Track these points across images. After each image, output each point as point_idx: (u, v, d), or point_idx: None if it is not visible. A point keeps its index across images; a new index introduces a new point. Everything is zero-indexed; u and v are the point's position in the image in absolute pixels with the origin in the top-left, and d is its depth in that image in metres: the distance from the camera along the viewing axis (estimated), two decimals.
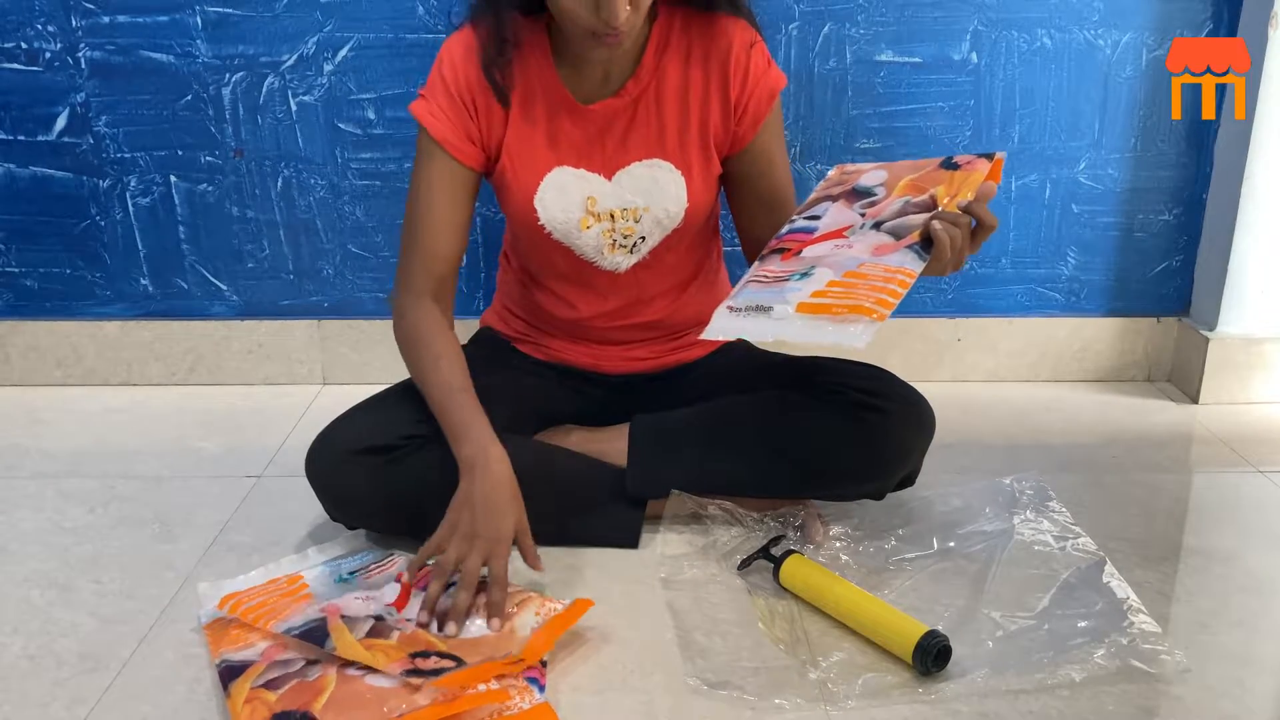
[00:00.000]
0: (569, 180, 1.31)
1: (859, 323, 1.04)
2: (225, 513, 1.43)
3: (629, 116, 1.31)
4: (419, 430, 1.27)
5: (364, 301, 1.85)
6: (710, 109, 1.30)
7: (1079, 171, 1.79)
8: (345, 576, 1.21)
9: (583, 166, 1.31)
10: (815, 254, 1.16)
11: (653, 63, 1.29)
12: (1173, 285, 1.87)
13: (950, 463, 1.50)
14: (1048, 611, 1.16)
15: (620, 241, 1.34)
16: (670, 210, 1.32)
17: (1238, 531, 1.39)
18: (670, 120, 1.31)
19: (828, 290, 1.09)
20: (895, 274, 1.08)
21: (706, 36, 1.29)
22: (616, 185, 1.32)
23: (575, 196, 1.31)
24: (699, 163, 1.32)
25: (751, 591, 1.22)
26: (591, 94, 1.30)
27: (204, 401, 1.83)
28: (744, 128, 1.32)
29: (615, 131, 1.31)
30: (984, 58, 1.73)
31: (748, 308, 1.13)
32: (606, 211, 1.32)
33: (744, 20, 1.30)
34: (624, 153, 1.31)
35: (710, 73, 1.30)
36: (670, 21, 1.30)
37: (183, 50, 1.70)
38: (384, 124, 1.74)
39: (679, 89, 1.30)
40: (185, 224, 1.80)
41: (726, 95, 1.30)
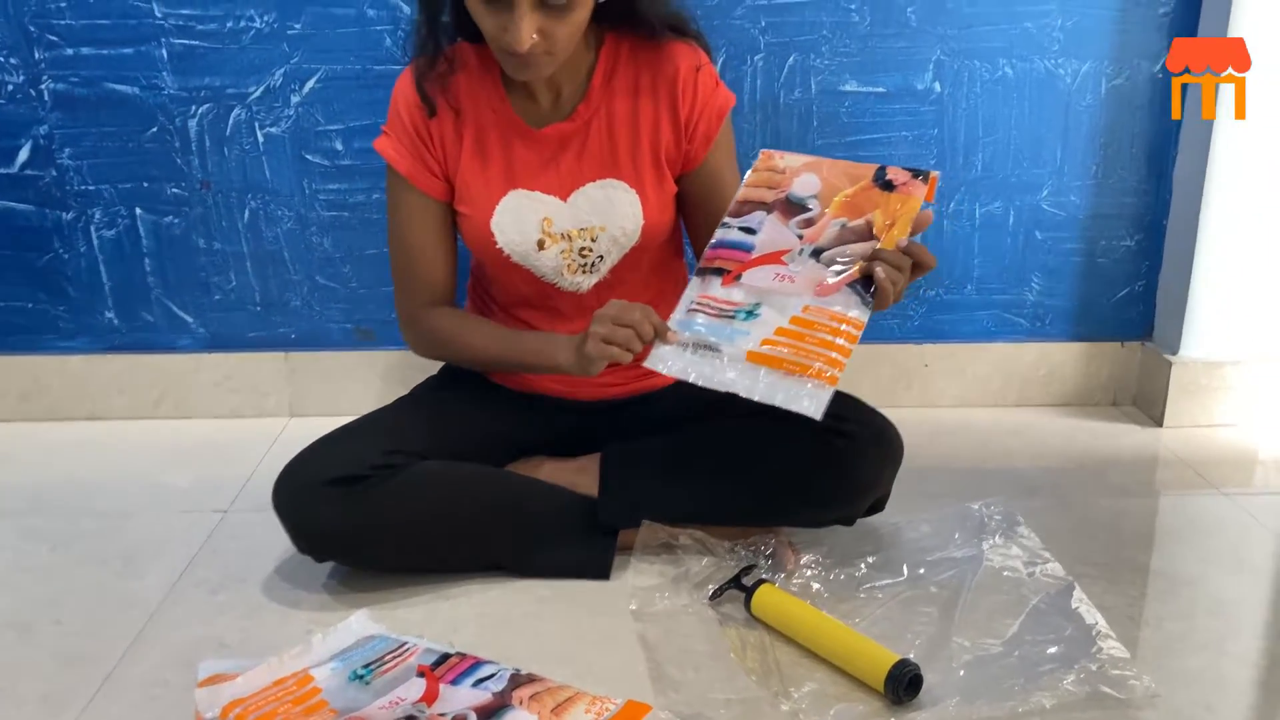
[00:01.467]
0: (524, 203, 1.32)
1: (811, 388, 1.08)
2: (191, 548, 1.41)
3: (581, 139, 1.32)
4: (389, 460, 1.26)
5: (332, 333, 1.84)
6: (661, 129, 1.32)
7: (1042, 198, 1.82)
8: (361, 673, 1.10)
9: (537, 189, 1.33)
10: (757, 283, 1.18)
11: (601, 87, 1.31)
12: (1136, 310, 1.90)
13: (919, 488, 1.51)
14: (1017, 638, 1.16)
15: (579, 261, 1.35)
16: (627, 228, 1.33)
17: (1203, 554, 1.41)
18: (622, 141, 1.32)
19: (777, 340, 1.13)
20: (843, 324, 1.11)
21: (654, 63, 1.31)
22: (572, 206, 1.33)
23: (531, 218, 1.32)
24: (652, 181, 1.34)
25: (723, 622, 1.22)
26: (543, 118, 1.32)
27: (170, 435, 1.81)
28: (695, 146, 1.33)
29: (569, 154, 1.33)
30: (947, 87, 1.75)
31: (696, 344, 1.16)
32: (563, 232, 1.33)
33: (690, 44, 1.33)
34: (578, 174, 1.33)
35: (659, 94, 1.32)
36: (617, 48, 1.32)
37: (148, 82, 1.69)
38: (352, 155, 1.74)
39: (629, 112, 1.32)
40: (151, 256, 1.79)
41: (676, 116, 1.32)
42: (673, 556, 1.32)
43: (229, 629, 1.23)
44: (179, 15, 1.66)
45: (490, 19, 1.17)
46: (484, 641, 1.18)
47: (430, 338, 1.39)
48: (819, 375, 1.09)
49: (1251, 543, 1.45)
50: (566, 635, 1.21)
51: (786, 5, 1.69)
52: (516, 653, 1.16)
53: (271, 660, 1.11)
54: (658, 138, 1.32)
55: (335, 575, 1.32)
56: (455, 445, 1.35)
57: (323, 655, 1.13)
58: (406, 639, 1.15)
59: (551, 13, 1.15)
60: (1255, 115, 1.67)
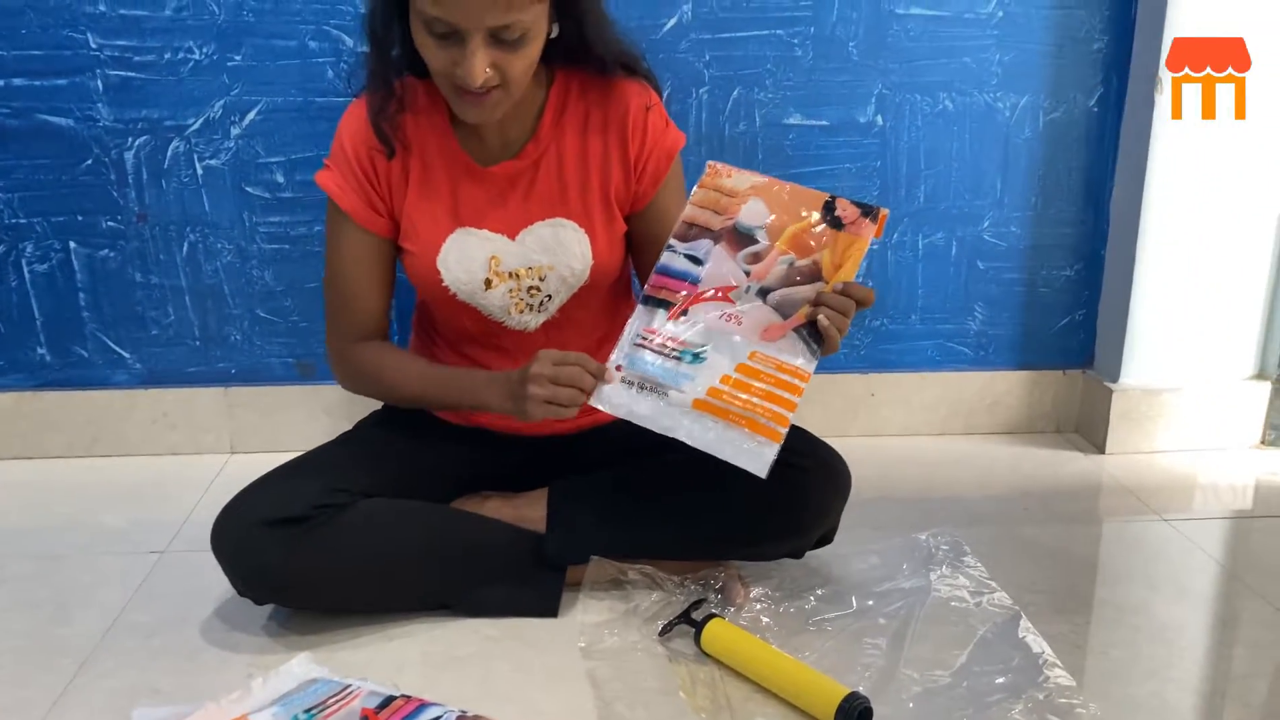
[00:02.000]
0: (471, 241, 1.31)
1: (757, 445, 1.10)
2: (126, 592, 1.37)
3: (530, 177, 1.31)
4: (332, 499, 1.24)
5: (273, 367, 1.81)
6: (610, 168, 1.32)
7: (983, 229, 1.84)
8: (302, 718, 1.07)
9: (485, 227, 1.31)
10: (703, 320, 1.18)
11: (551, 125, 1.31)
12: (1077, 338, 1.93)
13: (867, 518, 1.51)
14: (966, 669, 1.16)
15: (527, 300, 1.33)
16: (575, 268, 1.32)
17: (1146, 581, 1.42)
18: (571, 180, 1.32)
19: (722, 390, 1.13)
20: (790, 375, 1.13)
21: (604, 101, 1.31)
22: (520, 245, 1.31)
23: (478, 257, 1.31)
24: (602, 221, 1.33)
25: (673, 658, 1.20)
26: (491, 157, 1.31)
27: (105, 474, 1.76)
28: (644, 186, 1.33)
29: (517, 192, 1.31)
30: (889, 120, 1.77)
31: (641, 383, 1.16)
32: (510, 271, 1.32)
33: (641, 83, 1.33)
34: (527, 213, 1.32)
35: (609, 134, 1.31)
36: (567, 86, 1.31)
37: (83, 114, 1.66)
38: (293, 187, 1.72)
39: (578, 151, 1.31)
40: (85, 290, 1.75)
41: (626, 154, 1.31)
42: (622, 592, 1.31)
43: (165, 675, 1.19)
44: (115, 46, 1.63)
45: (441, 54, 1.15)
46: (430, 683, 1.16)
47: (358, 373, 1.37)
48: (765, 432, 1.10)
49: (1193, 568, 1.47)
50: (514, 674, 1.19)
51: (730, 39, 1.71)
52: (463, 693, 1.14)
53: (209, 706, 1.08)
54: (607, 177, 1.32)
55: (276, 617, 1.29)
56: (399, 482, 1.32)
57: (263, 700, 1.10)
58: (350, 681, 1.12)
59: (505, 47, 1.14)
60: (1190, 145, 1.72)
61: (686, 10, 1.68)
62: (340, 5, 1.64)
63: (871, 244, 1.17)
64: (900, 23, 1.72)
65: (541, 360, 1.18)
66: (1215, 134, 1.72)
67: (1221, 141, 1.72)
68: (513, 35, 1.14)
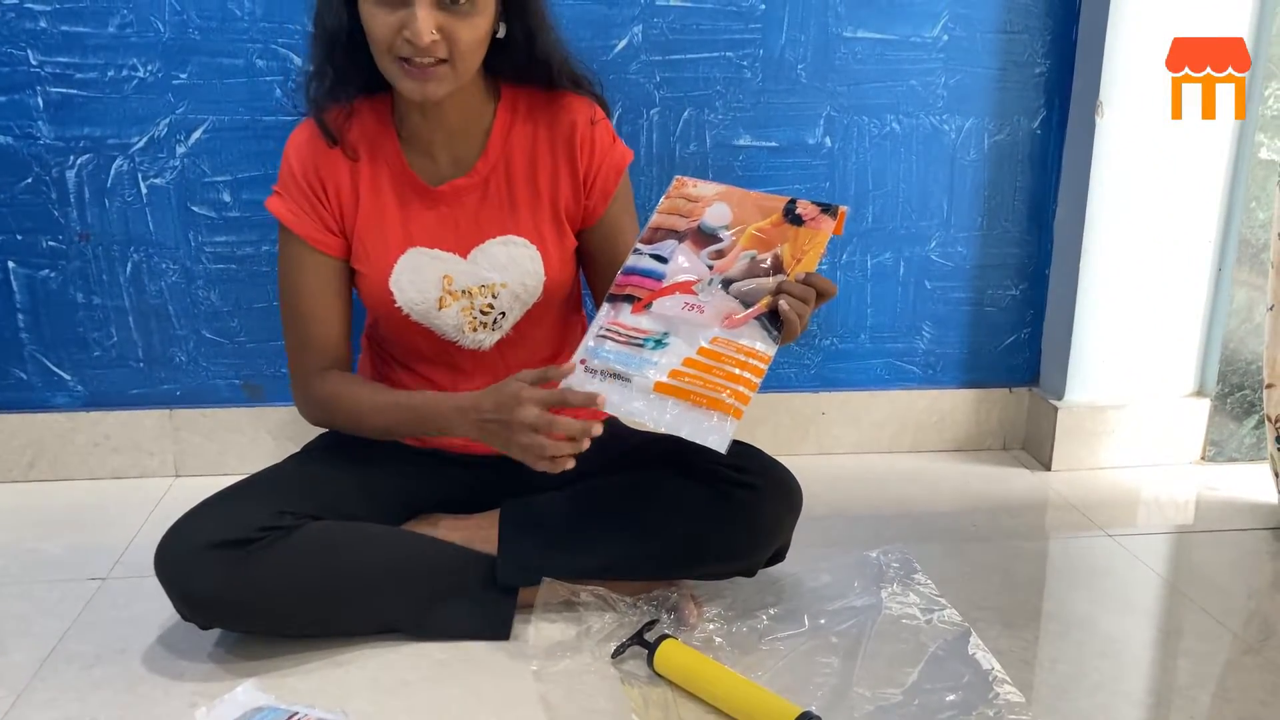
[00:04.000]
0: (423, 261, 1.30)
1: (716, 421, 1.10)
2: (65, 620, 1.34)
3: (480, 195, 1.31)
4: (279, 522, 1.22)
5: (220, 389, 1.78)
6: (559, 184, 1.32)
7: (930, 249, 1.87)
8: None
9: (437, 246, 1.31)
10: (666, 311, 1.18)
11: (500, 141, 1.31)
12: (1022, 357, 1.96)
13: (819, 535, 1.52)
14: (917, 686, 1.17)
15: (480, 319, 1.33)
16: (528, 285, 1.32)
17: (1092, 595, 1.44)
18: (521, 196, 1.32)
19: (684, 371, 1.14)
20: (749, 358, 1.13)
21: (551, 115, 1.32)
22: (472, 263, 1.31)
23: (431, 276, 1.30)
24: (553, 236, 1.33)
25: (626, 680, 1.20)
26: (441, 175, 1.31)
27: (44, 499, 1.72)
28: (593, 201, 1.34)
29: (467, 210, 1.31)
30: (837, 142, 1.79)
31: (605, 371, 1.16)
32: (463, 289, 1.31)
33: (587, 98, 1.33)
34: (478, 231, 1.31)
35: (557, 150, 1.32)
36: (514, 102, 1.32)
37: (22, 131, 1.63)
38: (240, 206, 1.69)
39: (527, 166, 1.32)
40: (25, 311, 1.71)
41: (575, 170, 1.32)
42: (574, 614, 1.30)
43: (105, 706, 1.16)
44: (56, 63, 1.60)
45: (386, 18, 1.15)
46: (379, 709, 1.14)
47: (324, 407, 1.33)
48: (725, 408, 1.10)
49: (1137, 582, 1.49)
50: (466, 699, 1.18)
51: (680, 61, 1.72)
52: (413, 718, 1.13)
53: None
54: (556, 193, 1.32)
55: (222, 644, 1.26)
56: (348, 503, 1.31)
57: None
58: (297, 709, 1.10)
59: (452, 11, 1.15)
60: (1130, 168, 1.76)
61: (637, 33, 1.69)
62: (288, 24, 1.63)
63: (831, 237, 1.17)
64: (848, 45, 1.75)
65: (522, 408, 1.15)
66: (1156, 156, 1.76)
67: (1161, 164, 1.76)
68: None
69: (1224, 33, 1.70)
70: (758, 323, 1.14)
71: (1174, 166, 1.77)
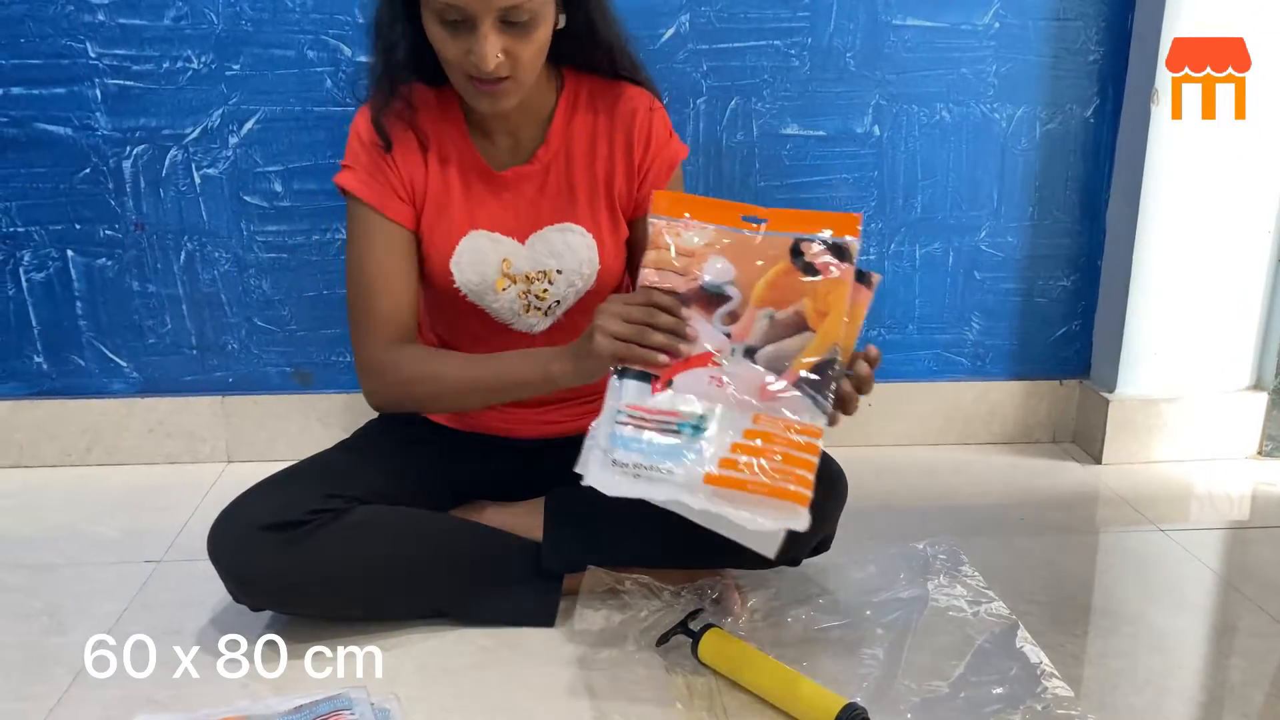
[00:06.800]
0: (484, 244, 1.32)
1: (787, 513, 1.00)
2: (122, 602, 1.37)
3: (540, 182, 1.32)
4: (328, 505, 1.23)
5: (270, 376, 1.81)
6: (616, 173, 1.33)
7: (980, 239, 1.85)
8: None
9: (497, 230, 1.32)
10: (692, 388, 1.06)
11: (561, 130, 1.32)
12: (1073, 349, 1.93)
13: (864, 528, 1.51)
14: (963, 679, 1.16)
15: (535, 304, 1.34)
16: (584, 273, 1.33)
17: (1143, 591, 1.42)
18: (580, 185, 1.33)
19: (735, 459, 1.02)
20: (802, 434, 1.03)
21: (611, 104, 1.33)
22: (530, 248, 1.32)
23: (491, 259, 1.32)
24: (608, 225, 1.34)
25: (670, 668, 1.20)
26: (504, 161, 1.32)
27: (101, 483, 1.75)
28: (645, 193, 1.34)
29: (527, 196, 1.33)
30: (886, 131, 1.78)
31: (639, 465, 1.03)
32: (521, 274, 1.33)
33: (646, 90, 1.35)
34: (536, 217, 1.33)
35: (615, 139, 1.33)
36: (576, 90, 1.33)
37: (81, 123, 1.66)
38: (291, 196, 1.72)
39: (587, 155, 1.32)
40: (83, 299, 1.74)
41: (630, 159, 1.33)
42: (619, 601, 1.31)
43: (159, 686, 1.18)
44: (114, 55, 1.63)
45: (453, 44, 1.16)
46: (426, 693, 1.16)
47: (396, 380, 1.27)
48: (792, 497, 1.00)
49: (1190, 578, 1.47)
50: (511, 685, 1.19)
51: (728, 50, 1.71)
52: (458, 704, 1.14)
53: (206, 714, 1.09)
54: (613, 182, 1.33)
55: (272, 627, 1.28)
56: (396, 489, 1.32)
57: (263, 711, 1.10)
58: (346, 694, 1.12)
59: (515, 31, 1.15)
60: (1185, 157, 1.72)
61: (684, 21, 1.69)
62: (338, 15, 1.64)
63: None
64: (897, 33, 1.73)
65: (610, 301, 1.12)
66: (1211, 146, 1.72)
67: (1217, 153, 1.73)
68: (522, 17, 1.14)
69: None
70: (798, 391, 1.05)
71: (1231, 156, 1.73)
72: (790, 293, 1.08)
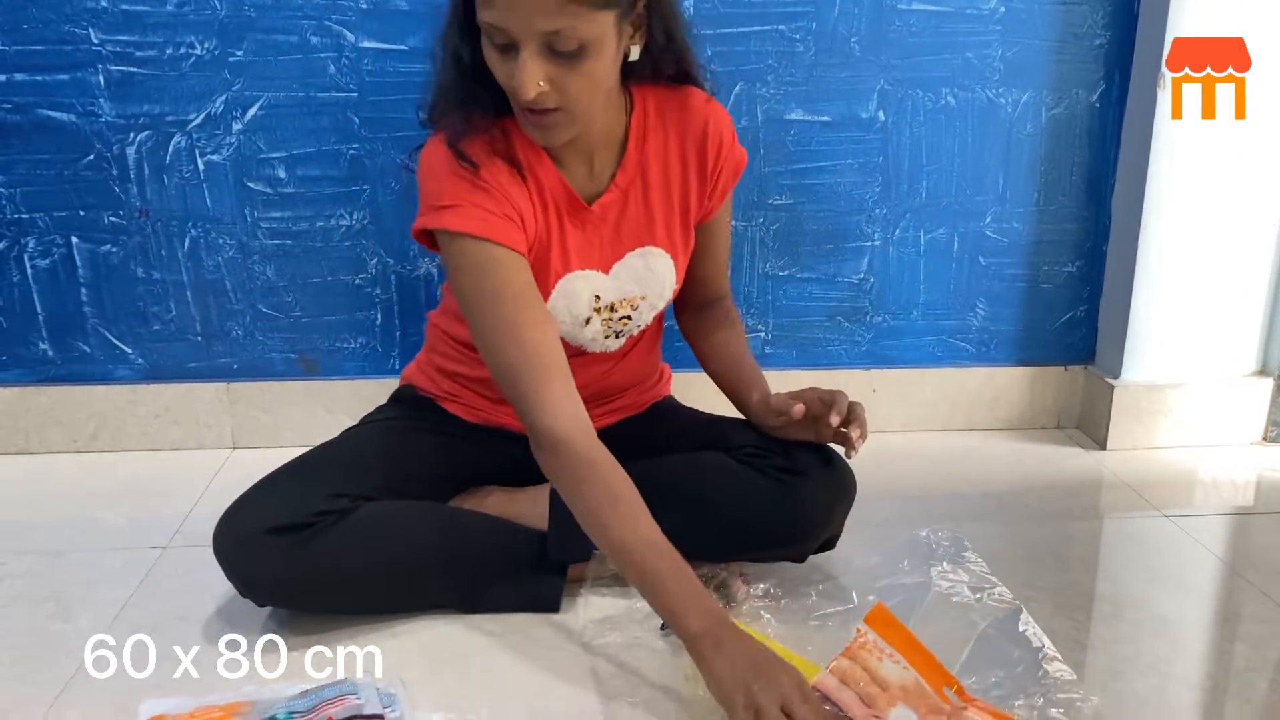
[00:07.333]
0: (578, 284, 1.28)
1: None
2: (128, 588, 1.37)
3: (620, 209, 1.28)
4: (334, 505, 1.23)
5: (275, 362, 1.81)
6: (690, 188, 1.30)
7: (985, 225, 1.84)
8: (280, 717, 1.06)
9: (587, 266, 1.28)
10: None
11: (636, 152, 1.27)
12: (1078, 335, 1.93)
13: (868, 514, 1.50)
14: (966, 664, 1.16)
15: (616, 329, 1.33)
16: (665, 294, 1.33)
17: (1147, 576, 1.42)
18: (657, 205, 1.29)
19: None
20: None
21: (680, 116, 1.28)
22: (614, 278, 1.30)
23: (584, 298, 1.29)
24: (682, 242, 1.32)
25: (675, 653, 1.20)
26: (584, 189, 1.26)
27: (106, 469, 1.76)
28: (714, 201, 1.33)
29: (608, 225, 1.29)
30: (891, 116, 1.77)
31: None
32: (607, 304, 1.31)
33: (706, 94, 1.30)
34: (618, 245, 1.30)
35: (688, 153, 1.29)
36: (645, 106, 1.27)
37: (84, 109, 1.66)
38: (295, 183, 1.71)
39: (662, 172, 1.29)
40: (87, 286, 1.75)
41: (704, 169, 1.30)
42: (624, 588, 1.31)
43: (167, 672, 1.19)
44: (117, 41, 1.63)
45: (502, 68, 1.10)
46: (434, 678, 1.16)
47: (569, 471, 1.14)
48: None
49: (1194, 564, 1.47)
50: (517, 669, 1.19)
51: (732, 35, 1.70)
52: (465, 690, 1.15)
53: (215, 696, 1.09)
54: (687, 198, 1.30)
55: (276, 615, 1.28)
56: (402, 479, 1.32)
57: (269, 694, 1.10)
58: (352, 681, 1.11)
59: (560, 60, 1.08)
60: (1192, 141, 1.72)
61: (688, 6, 1.68)
62: (341, 1, 1.64)
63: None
64: (902, 18, 1.72)
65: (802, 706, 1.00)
66: (1218, 130, 1.71)
67: (1224, 138, 1.72)
68: (568, 46, 1.06)
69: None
70: None
71: (1238, 141, 1.73)
72: None
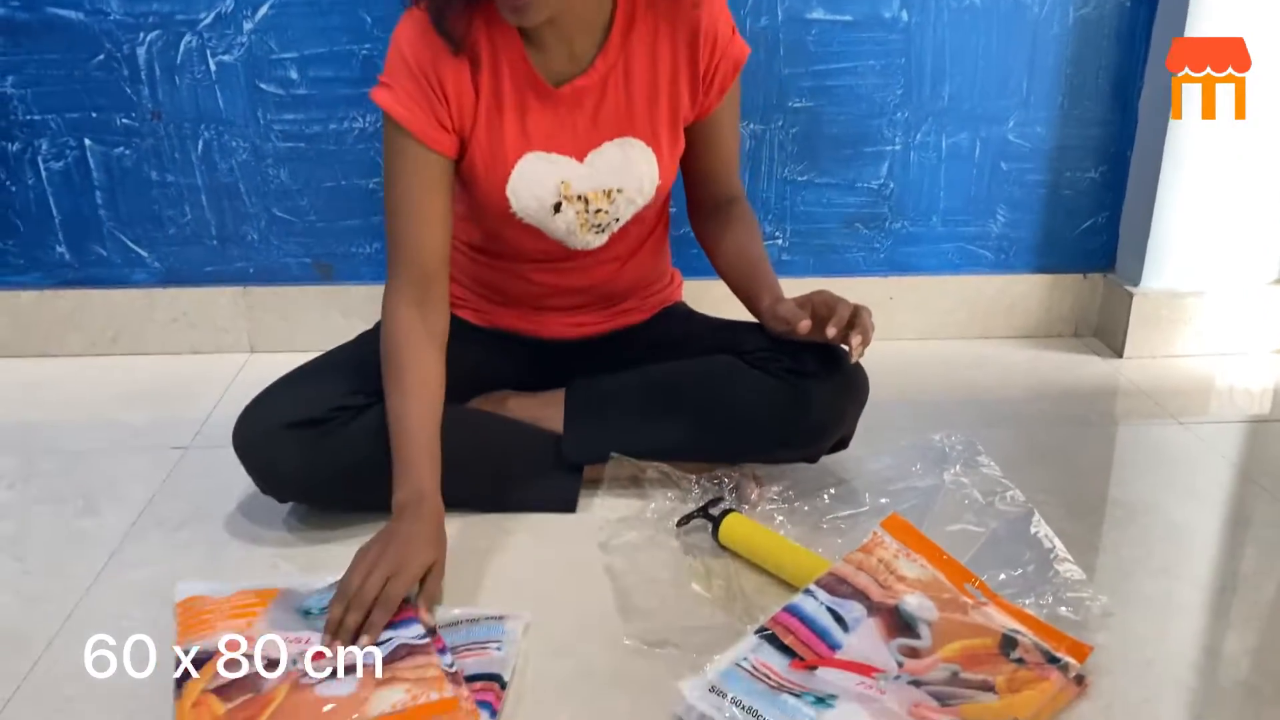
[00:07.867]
0: (540, 166, 1.26)
1: None
2: (151, 487, 1.40)
3: (598, 95, 1.26)
4: (351, 401, 1.24)
5: (291, 267, 1.81)
6: (679, 82, 1.27)
7: (1008, 130, 1.81)
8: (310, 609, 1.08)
9: (554, 150, 1.26)
10: (834, 682, 0.97)
11: (620, 37, 1.24)
12: (1098, 242, 1.91)
13: (882, 420, 1.50)
14: (974, 562, 1.18)
15: (593, 222, 1.31)
16: (644, 189, 1.30)
17: (1160, 482, 1.43)
18: (639, 96, 1.27)
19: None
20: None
21: (672, 10, 1.24)
22: (589, 167, 1.28)
23: (548, 183, 1.27)
24: (668, 138, 1.29)
25: (688, 552, 1.22)
26: (560, 73, 1.24)
27: (126, 373, 1.78)
28: (710, 99, 1.30)
29: (584, 111, 1.26)
30: (914, 16, 1.73)
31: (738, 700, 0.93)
32: (579, 194, 1.28)
33: None
34: (594, 132, 1.27)
35: (678, 45, 1.25)
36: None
37: (93, 7, 1.63)
38: (307, 84, 1.69)
39: (648, 63, 1.26)
40: (102, 189, 1.74)
41: (695, 66, 1.26)
42: (639, 490, 1.33)
43: (192, 567, 1.21)
44: None
45: None
46: (451, 574, 1.18)
47: (385, 346, 1.23)
48: None
49: (1206, 470, 1.47)
50: (534, 567, 1.21)
51: None
52: (482, 585, 1.17)
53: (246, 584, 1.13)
54: (676, 93, 1.27)
55: (296, 512, 1.31)
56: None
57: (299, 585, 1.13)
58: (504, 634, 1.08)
59: None
60: None
61: None
62: None
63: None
64: None
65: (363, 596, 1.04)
66: (1252, 31, 1.66)
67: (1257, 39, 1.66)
68: None
69: None
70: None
71: (1270, 42, 1.68)
72: (988, 665, 1.00)
